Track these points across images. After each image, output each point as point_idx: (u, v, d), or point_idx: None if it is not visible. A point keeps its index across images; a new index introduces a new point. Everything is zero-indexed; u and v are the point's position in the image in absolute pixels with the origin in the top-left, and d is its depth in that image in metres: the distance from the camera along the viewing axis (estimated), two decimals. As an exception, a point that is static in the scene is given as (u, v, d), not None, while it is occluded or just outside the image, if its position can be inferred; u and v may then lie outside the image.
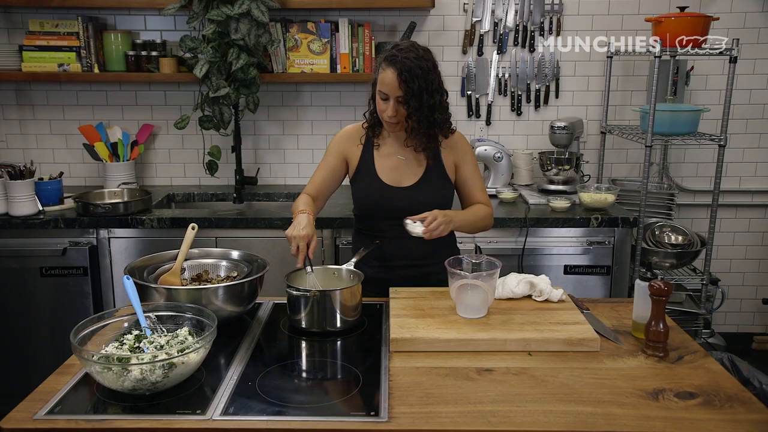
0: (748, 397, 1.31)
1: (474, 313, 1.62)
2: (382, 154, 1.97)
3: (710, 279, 2.89)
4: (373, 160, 1.97)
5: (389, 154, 1.97)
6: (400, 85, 1.77)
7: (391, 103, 1.81)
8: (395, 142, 1.97)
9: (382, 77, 1.80)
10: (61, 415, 1.23)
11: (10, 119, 3.19)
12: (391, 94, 1.79)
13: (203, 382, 1.35)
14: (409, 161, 1.96)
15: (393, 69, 1.77)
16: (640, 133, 2.82)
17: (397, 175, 1.96)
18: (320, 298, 1.58)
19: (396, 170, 1.96)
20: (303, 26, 2.97)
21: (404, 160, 1.96)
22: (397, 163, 1.96)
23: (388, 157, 1.97)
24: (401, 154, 1.96)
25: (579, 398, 1.30)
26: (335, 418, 1.22)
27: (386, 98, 1.82)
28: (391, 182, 1.95)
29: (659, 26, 2.69)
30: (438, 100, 1.83)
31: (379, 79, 1.81)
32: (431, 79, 1.79)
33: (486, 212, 1.99)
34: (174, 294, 1.55)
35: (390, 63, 1.78)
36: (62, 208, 2.70)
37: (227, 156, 3.08)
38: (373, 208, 1.98)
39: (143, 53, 3.00)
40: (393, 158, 1.97)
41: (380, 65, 1.81)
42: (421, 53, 1.79)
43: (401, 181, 1.95)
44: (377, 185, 1.95)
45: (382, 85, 1.80)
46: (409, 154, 1.96)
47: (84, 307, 2.65)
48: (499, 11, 3.09)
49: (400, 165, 1.96)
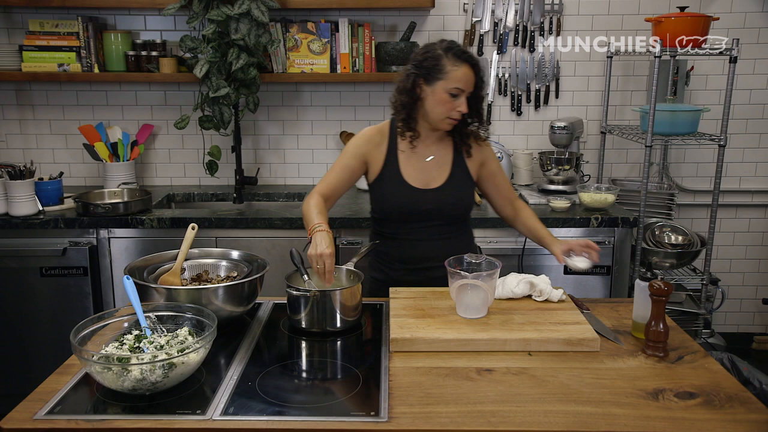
0: (748, 397, 1.31)
1: (474, 313, 1.62)
2: (407, 156, 1.95)
3: (710, 279, 2.89)
4: (397, 162, 1.95)
5: (415, 156, 1.95)
6: (476, 81, 1.83)
7: (463, 99, 1.83)
8: (422, 143, 1.95)
9: (457, 74, 1.80)
10: (61, 415, 1.23)
11: (10, 119, 3.19)
12: (467, 89, 1.82)
13: (203, 382, 1.36)
14: (436, 162, 1.95)
15: (468, 65, 1.81)
16: (640, 133, 2.82)
17: (423, 177, 1.94)
18: (320, 298, 1.58)
19: (422, 172, 1.95)
20: (303, 26, 2.97)
21: (432, 160, 1.95)
22: (423, 165, 1.95)
23: (413, 159, 1.95)
24: (429, 155, 1.95)
25: (579, 398, 1.30)
26: (335, 418, 1.22)
27: (458, 95, 1.82)
28: (419, 184, 1.93)
29: (659, 26, 2.69)
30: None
31: (452, 76, 1.80)
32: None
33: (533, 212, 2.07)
34: (174, 294, 1.55)
35: (464, 59, 1.81)
36: (62, 208, 2.70)
37: (227, 156, 3.08)
38: (400, 212, 1.95)
39: (143, 53, 3.00)
40: (419, 160, 1.95)
41: (446, 63, 1.80)
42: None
43: (428, 183, 1.94)
44: (404, 188, 1.93)
45: (458, 82, 1.80)
46: (436, 154, 1.95)
47: (84, 307, 2.65)
48: (499, 11, 3.09)
49: (426, 167, 1.95)
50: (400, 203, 1.94)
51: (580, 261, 1.79)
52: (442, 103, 1.83)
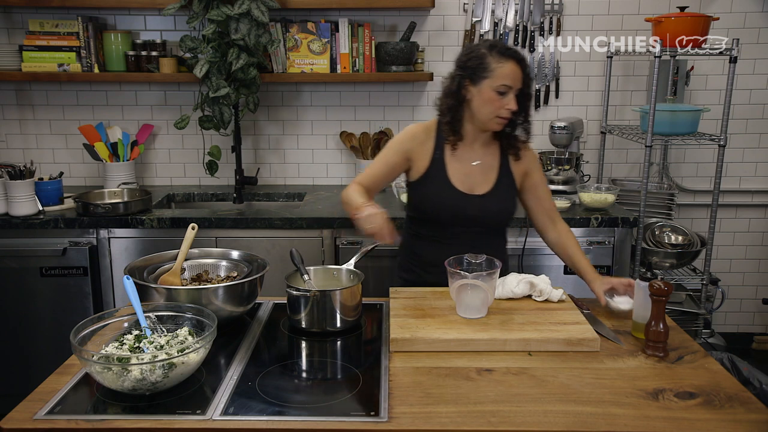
0: (748, 397, 1.31)
1: (474, 313, 1.62)
2: (454, 159, 1.91)
3: (710, 279, 2.89)
4: (444, 164, 1.90)
5: (462, 160, 1.91)
6: (523, 77, 1.79)
7: (511, 96, 1.79)
8: (468, 147, 1.92)
9: (503, 71, 1.76)
10: (61, 415, 1.23)
11: (10, 119, 3.19)
12: (515, 86, 1.78)
13: (203, 382, 1.35)
14: (482, 167, 1.92)
15: (514, 61, 1.77)
16: (640, 133, 2.82)
17: (469, 182, 1.91)
18: (320, 298, 1.58)
19: (469, 177, 1.91)
20: (303, 26, 2.97)
21: (479, 165, 1.92)
22: (470, 169, 1.91)
23: (460, 163, 1.91)
24: (476, 159, 1.92)
25: (579, 398, 1.30)
26: (335, 418, 1.22)
27: (506, 92, 1.78)
28: (465, 189, 1.90)
29: (659, 26, 2.69)
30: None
31: (500, 73, 1.76)
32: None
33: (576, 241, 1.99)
34: (174, 294, 1.55)
35: (509, 56, 1.77)
36: (62, 208, 2.70)
37: (227, 156, 3.08)
38: (443, 215, 1.91)
39: (143, 53, 3.00)
40: (466, 164, 1.91)
41: (491, 62, 1.77)
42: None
43: (474, 189, 1.90)
44: (450, 192, 1.89)
45: (504, 78, 1.76)
46: (482, 158, 1.92)
47: (84, 307, 2.65)
48: (499, 11, 3.09)
49: (473, 171, 1.91)
50: (444, 206, 1.90)
51: (623, 302, 1.71)
52: (489, 103, 1.79)
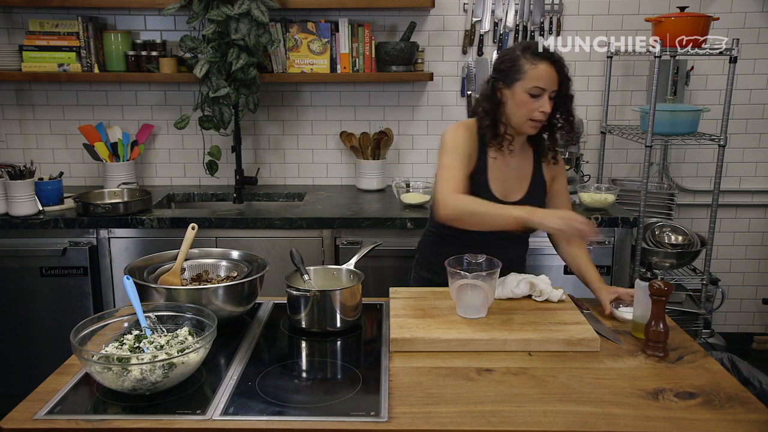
0: (748, 397, 1.31)
1: (474, 313, 1.62)
2: (495, 163, 1.89)
3: (710, 279, 2.89)
4: (486, 168, 1.88)
5: (501, 165, 1.89)
6: (560, 78, 1.75)
7: (545, 98, 1.76)
8: (507, 151, 1.88)
9: (536, 73, 1.73)
10: (61, 415, 1.23)
11: (10, 119, 3.19)
12: (549, 88, 1.75)
13: (203, 382, 1.35)
14: (518, 173, 1.90)
15: (548, 62, 1.74)
16: (640, 133, 2.82)
17: (506, 188, 1.89)
18: (320, 298, 1.58)
19: (506, 183, 1.89)
20: (303, 26, 2.97)
21: (516, 170, 1.90)
22: (507, 174, 1.90)
23: (498, 168, 1.89)
24: (514, 164, 1.90)
25: (579, 398, 1.30)
26: (335, 418, 1.22)
27: (539, 94, 1.75)
28: (501, 195, 1.88)
29: (659, 26, 2.69)
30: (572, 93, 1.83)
31: (532, 75, 1.74)
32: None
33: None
34: (174, 294, 1.55)
35: (542, 57, 1.74)
36: (62, 208, 2.70)
37: (227, 156, 3.08)
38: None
39: (143, 53, 3.00)
40: (503, 169, 1.89)
41: (524, 63, 1.75)
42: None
43: (509, 195, 1.89)
44: (487, 196, 1.84)
45: (536, 80, 1.74)
46: (520, 163, 1.90)
47: (84, 307, 2.65)
48: (499, 11, 3.09)
49: (509, 177, 1.90)
50: None
51: (629, 312, 1.70)
52: (522, 105, 1.77)
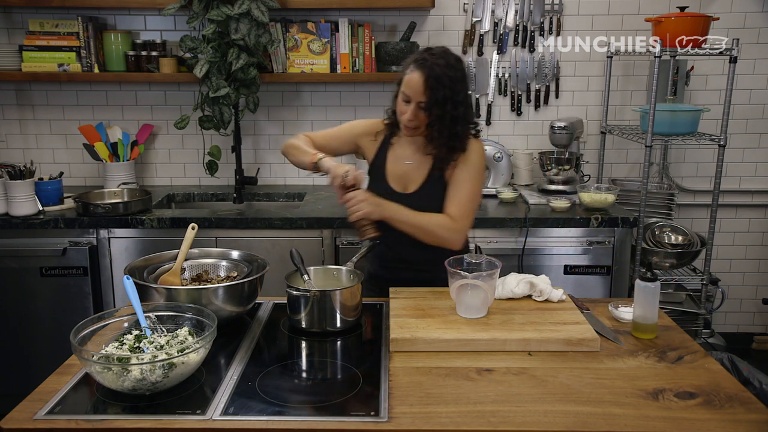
0: (748, 397, 1.31)
1: (474, 313, 1.62)
2: (394, 156, 1.95)
3: (710, 279, 2.89)
4: (385, 161, 1.95)
5: (401, 158, 1.94)
6: (425, 91, 1.73)
7: (411, 106, 1.77)
8: (409, 145, 1.93)
9: (408, 79, 1.75)
10: (61, 415, 1.23)
11: (10, 119, 3.19)
12: (414, 98, 1.75)
13: (203, 382, 1.35)
14: (415, 166, 1.92)
15: (420, 73, 1.72)
16: (640, 133, 2.82)
17: (403, 180, 1.93)
18: (320, 298, 1.58)
19: (403, 176, 1.93)
20: (303, 26, 2.97)
21: (412, 164, 1.92)
22: (406, 168, 1.93)
23: (398, 161, 1.94)
24: (411, 159, 1.92)
25: (579, 398, 1.30)
26: (335, 418, 1.22)
27: (408, 101, 1.77)
28: (398, 188, 1.92)
29: (659, 26, 2.69)
30: (462, 112, 1.78)
31: (405, 80, 1.76)
32: (458, 89, 1.75)
33: (441, 221, 1.82)
34: (174, 294, 1.55)
35: (419, 66, 1.73)
36: (62, 208, 2.70)
37: (227, 156, 3.08)
38: None
39: (143, 53, 3.00)
40: (401, 163, 1.94)
41: (408, 66, 1.77)
42: (452, 62, 1.75)
43: (407, 187, 1.92)
44: (383, 189, 1.91)
45: (406, 87, 1.76)
46: (416, 159, 1.92)
47: (84, 307, 2.65)
48: (499, 11, 3.09)
49: (408, 170, 1.93)
50: None
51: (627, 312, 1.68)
52: (399, 105, 1.81)
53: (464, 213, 1.84)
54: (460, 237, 1.85)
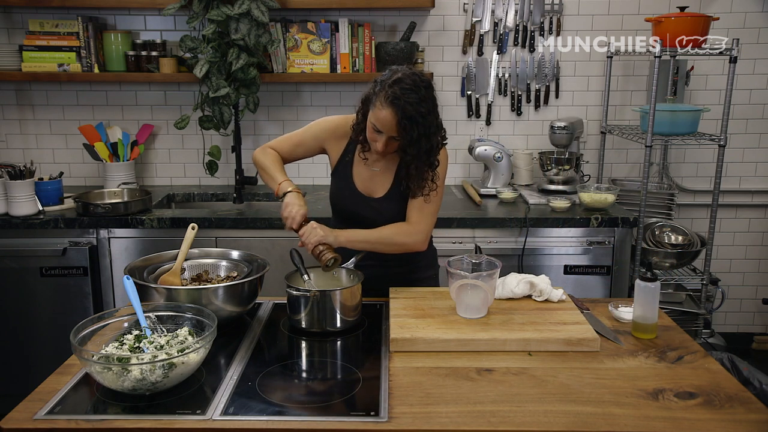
0: (748, 397, 1.31)
1: (474, 313, 1.62)
2: (360, 162, 1.91)
3: (710, 279, 2.89)
4: (351, 164, 1.92)
5: (367, 164, 1.90)
6: (398, 131, 1.66)
7: (383, 137, 1.70)
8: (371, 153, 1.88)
9: (379, 114, 1.66)
10: (61, 415, 1.23)
11: (10, 119, 3.19)
12: (387, 132, 1.69)
13: (203, 382, 1.36)
14: (382, 171, 1.90)
15: (393, 111, 1.64)
16: (640, 133, 2.82)
17: (370, 185, 1.91)
18: (320, 298, 1.58)
19: (370, 180, 1.91)
20: (303, 26, 2.97)
21: (378, 171, 1.90)
22: (371, 173, 1.91)
23: (364, 166, 1.91)
24: (376, 166, 1.89)
25: (579, 398, 1.30)
26: (335, 418, 1.22)
27: (379, 131, 1.70)
28: (364, 191, 1.91)
29: (659, 26, 2.69)
30: (435, 141, 1.72)
31: (376, 114, 1.68)
32: (430, 122, 1.68)
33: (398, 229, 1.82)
34: (174, 294, 1.55)
35: (390, 104, 1.64)
36: (62, 208, 2.70)
37: (227, 156, 3.08)
38: (343, 212, 1.97)
39: (143, 53, 3.00)
40: (367, 168, 1.90)
41: (379, 98, 1.67)
42: (423, 93, 1.65)
43: (373, 192, 1.91)
44: (350, 192, 1.91)
45: (377, 121, 1.68)
46: (382, 165, 1.90)
47: (84, 307, 2.65)
48: (499, 11, 3.09)
49: (374, 175, 1.91)
50: (344, 205, 1.95)
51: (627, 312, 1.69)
52: (369, 131, 1.74)
53: (423, 216, 1.83)
54: (422, 239, 1.84)
